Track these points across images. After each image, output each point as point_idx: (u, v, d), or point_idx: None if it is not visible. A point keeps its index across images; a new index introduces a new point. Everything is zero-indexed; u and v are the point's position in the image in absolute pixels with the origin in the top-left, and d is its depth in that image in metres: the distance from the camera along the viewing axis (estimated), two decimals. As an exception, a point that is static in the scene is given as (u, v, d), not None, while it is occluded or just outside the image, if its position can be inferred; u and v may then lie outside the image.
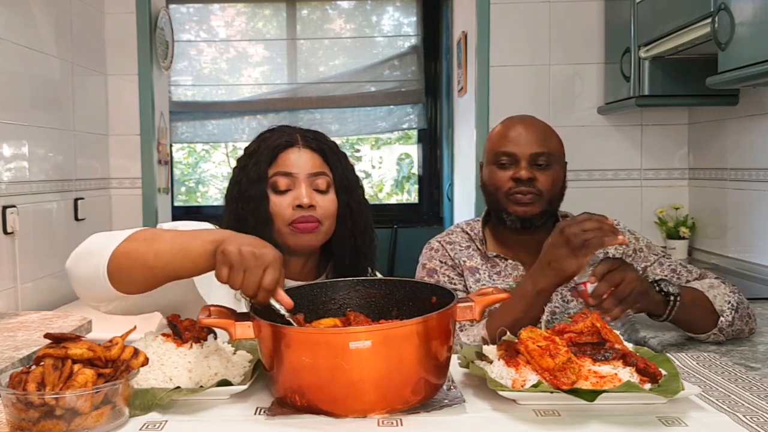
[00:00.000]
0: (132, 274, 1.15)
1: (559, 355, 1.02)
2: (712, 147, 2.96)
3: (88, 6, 3.09)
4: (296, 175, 1.40)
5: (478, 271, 1.64)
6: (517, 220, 1.61)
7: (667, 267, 1.63)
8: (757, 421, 0.98)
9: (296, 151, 1.41)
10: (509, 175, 1.59)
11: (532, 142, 1.59)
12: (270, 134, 1.46)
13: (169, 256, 1.13)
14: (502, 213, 1.62)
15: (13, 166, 2.44)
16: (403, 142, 4.93)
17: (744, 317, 1.53)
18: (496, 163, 1.61)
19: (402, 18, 4.73)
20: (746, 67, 1.88)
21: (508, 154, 1.60)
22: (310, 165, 1.41)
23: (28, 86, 2.56)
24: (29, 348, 1.73)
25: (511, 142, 1.60)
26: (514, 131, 1.62)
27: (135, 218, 3.29)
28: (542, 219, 1.62)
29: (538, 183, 1.58)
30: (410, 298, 1.19)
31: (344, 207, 1.43)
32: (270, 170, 1.40)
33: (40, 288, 2.58)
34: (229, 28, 4.69)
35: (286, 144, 1.42)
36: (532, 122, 1.65)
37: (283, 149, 1.41)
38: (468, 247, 1.69)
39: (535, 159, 1.59)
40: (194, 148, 4.96)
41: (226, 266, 1.05)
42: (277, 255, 1.07)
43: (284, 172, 1.40)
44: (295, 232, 1.38)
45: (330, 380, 0.97)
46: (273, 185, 1.40)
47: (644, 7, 2.65)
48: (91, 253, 1.18)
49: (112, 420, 0.95)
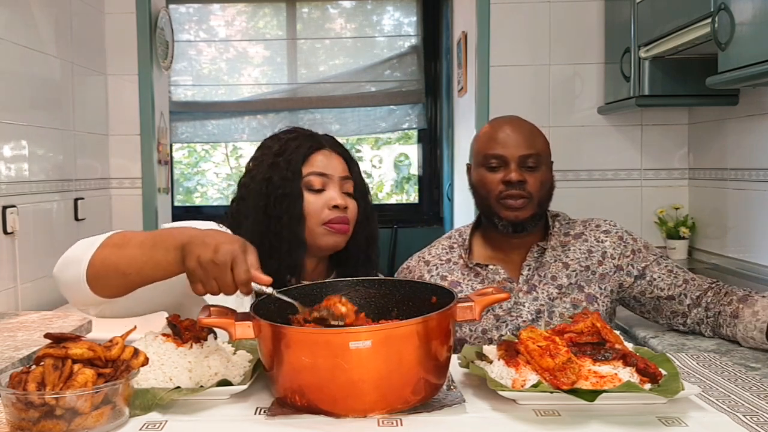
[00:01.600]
0: (109, 281, 1.18)
1: (559, 355, 1.02)
2: (712, 147, 2.96)
3: (88, 6, 3.09)
4: (331, 176, 1.43)
5: (460, 284, 1.64)
6: (509, 225, 1.61)
7: (665, 268, 1.63)
8: (757, 421, 0.98)
9: (327, 153, 1.45)
10: (499, 178, 1.59)
11: (520, 144, 1.59)
12: (291, 135, 1.48)
13: (139, 263, 1.15)
14: (493, 218, 1.62)
15: (13, 166, 2.44)
16: (403, 142, 4.93)
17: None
18: (486, 165, 1.61)
19: (402, 18, 4.73)
20: (746, 67, 1.88)
21: (497, 156, 1.59)
22: (340, 168, 1.45)
23: (28, 86, 2.56)
24: (29, 348, 1.73)
25: (499, 144, 1.59)
26: (503, 132, 1.61)
27: (135, 218, 3.29)
28: (534, 222, 1.63)
29: (528, 185, 1.58)
30: (410, 298, 1.19)
31: (362, 212, 1.47)
32: (304, 169, 1.42)
33: (40, 288, 2.58)
34: (229, 28, 4.69)
35: (318, 145, 1.46)
36: (519, 123, 1.64)
37: (315, 150, 1.45)
38: (448, 261, 1.69)
39: (524, 161, 1.58)
40: (194, 148, 4.96)
41: (197, 283, 1.07)
42: (235, 245, 1.07)
43: (319, 173, 1.43)
44: (330, 232, 1.40)
45: (330, 380, 0.97)
46: (307, 184, 1.42)
47: (644, 7, 2.65)
48: (73, 261, 1.21)
49: (112, 420, 0.95)
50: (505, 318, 1.59)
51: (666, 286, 1.60)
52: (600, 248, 1.64)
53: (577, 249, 1.65)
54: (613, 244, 1.65)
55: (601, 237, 1.66)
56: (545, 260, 1.63)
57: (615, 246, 1.65)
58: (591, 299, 1.60)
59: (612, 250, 1.64)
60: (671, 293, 1.59)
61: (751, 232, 2.63)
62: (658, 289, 1.61)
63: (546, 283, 1.61)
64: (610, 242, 1.65)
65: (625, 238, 1.66)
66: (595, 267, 1.62)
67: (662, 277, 1.61)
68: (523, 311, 1.59)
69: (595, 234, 1.67)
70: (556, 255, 1.64)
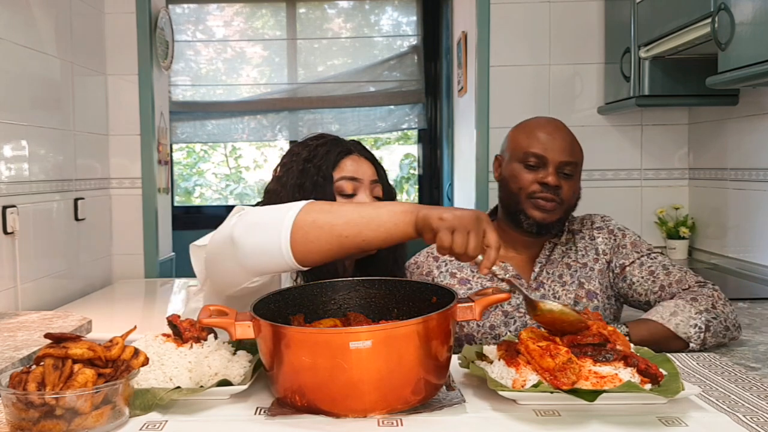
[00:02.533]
0: (320, 244, 1.13)
1: (559, 356, 1.02)
2: (712, 147, 2.96)
3: (88, 6, 3.09)
4: (362, 180, 1.45)
5: (469, 281, 1.64)
6: (534, 224, 1.60)
7: (646, 269, 1.59)
8: (757, 421, 0.98)
9: (356, 158, 1.47)
10: (535, 178, 1.58)
11: (563, 150, 1.58)
12: (319, 141, 1.49)
13: (360, 225, 1.13)
14: (519, 214, 1.61)
15: (13, 166, 2.44)
16: (402, 142, 4.93)
17: (719, 333, 1.45)
18: (524, 162, 1.59)
19: (401, 18, 4.73)
20: (746, 67, 1.88)
21: (538, 156, 1.58)
22: (370, 173, 1.47)
23: (28, 86, 2.56)
24: (29, 348, 1.72)
25: (542, 145, 1.58)
26: (545, 133, 1.59)
27: (135, 218, 3.29)
28: (558, 226, 1.63)
29: (562, 192, 1.58)
30: (411, 298, 1.19)
31: None
32: (334, 174, 1.44)
33: (40, 288, 2.58)
34: (227, 28, 4.69)
35: (347, 150, 1.47)
36: (562, 128, 1.63)
37: (345, 155, 1.47)
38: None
39: (563, 167, 1.58)
40: (193, 149, 4.96)
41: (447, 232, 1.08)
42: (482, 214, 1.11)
43: (350, 177, 1.44)
44: None
45: (330, 380, 0.97)
46: (339, 189, 1.43)
47: (644, 7, 2.65)
48: (265, 224, 1.16)
49: (112, 420, 0.95)
50: (513, 314, 1.59)
51: (643, 291, 1.59)
52: (594, 245, 1.65)
53: (577, 246, 1.66)
54: (605, 240, 1.66)
55: (594, 234, 1.67)
56: (554, 257, 1.64)
57: (606, 241, 1.65)
58: (591, 296, 1.60)
59: (604, 246, 1.65)
60: (647, 299, 1.58)
61: (751, 232, 2.63)
62: (636, 293, 1.60)
63: (553, 280, 1.62)
64: (602, 238, 1.66)
65: (615, 233, 1.67)
66: (592, 264, 1.63)
67: (641, 282, 1.59)
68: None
69: (590, 231, 1.68)
70: (563, 252, 1.65)
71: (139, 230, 3.29)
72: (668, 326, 1.42)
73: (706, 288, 1.52)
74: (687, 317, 1.43)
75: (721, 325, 1.46)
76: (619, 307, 1.67)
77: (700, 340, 1.42)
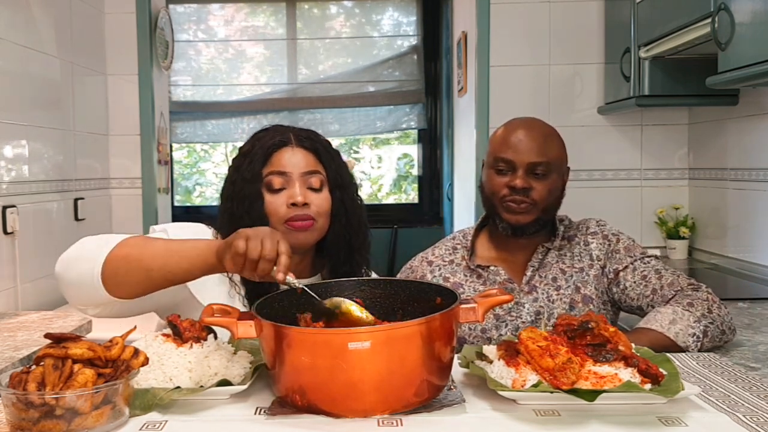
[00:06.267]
0: (128, 277, 1.19)
1: (559, 355, 1.02)
2: (712, 147, 2.96)
3: (88, 6, 3.09)
4: (290, 174, 1.42)
5: (462, 285, 1.64)
6: (508, 227, 1.62)
7: (639, 273, 1.59)
8: (757, 421, 0.98)
9: (290, 150, 1.43)
10: (505, 182, 1.58)
11: (531, 150, 1.57)
12: (264, 134, 1.48)
13: (165, 257, 1.18)
14: (495, 218, 1.64)
15: (13, 166, 2.44)
16: (402, 142, 4.93)
17: (716, 338, 1.46)
18: (495, 167, 1.61)
19: (402, 18, 4.73)
20: (746, 67, 1.88)
21: (506, 160, 1.58)
22: (303, 164, 1.43)
23: (28, 86, 2.56)
24: (29, 348, 1.73)
25: (510, 149, 1.58)
26: (515, 137, 1.59)
27: (135, 218, 3.29)
28: (535, 227, 1.62)
29: (533, 193, 1.57)
30: (415, 298, 1.19)
31: (338, 204, 1.45)
32: (264, 170, 1.42)
33: (40, 288, 2.58)
34: (228, 28, 4.69)
35: (279, 143, 1.44)
36: (534, 128, 1.62)
37: (277, 149, 1.44)
38: (451, 262, 1.69)
39: (532, 168, 1.57)
40: (193, 148, 4.96)
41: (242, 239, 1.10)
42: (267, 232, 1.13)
43: (278, 171, 1.42)
44: (290, 230, 1.39)
45: (329, 380, 0.97)
46: (267, 184, 1.41)
47: (644, 7, 2.65)
48: (83, 258, 1.21)
49: (112, 420, 0.95)
50: (505, 318, 1.59)
51: (636, 296, 1.58)
52: (588, 250, 1.65)
53: (573, 251, 1.65)
54: (599, 245, 1.65)
55: (588, 239, 1.67)
56: (547, 261, 1.64)
57: (600, 247, 1.65)
58: (587, 300, 1.60)
59: (598, 251, 1.64)
60: (639, 304, 1.58)
61: (751, 232, 2.63)
62: (629, 298, 1.59)
63: (546, 284, 1.61)
64: (596, 243, 1.66)
65: (609, 237, 1.66)
66: (587, 269, 1.63)
67: (633, 287, 1.58)
68: (522, 312, 1.59)
69: (585, 236, 1.67)
70: (557, 257, 1.64)
71: (139, 230, 3.29)
72: (668, 335, 1.42)
73: (701, 291, 1.52)
74: (686, 326, 1.43)
75: (718, 330, 1.46)
76: (616, 313, 1.66)
77: (698, 346, 1.43)
